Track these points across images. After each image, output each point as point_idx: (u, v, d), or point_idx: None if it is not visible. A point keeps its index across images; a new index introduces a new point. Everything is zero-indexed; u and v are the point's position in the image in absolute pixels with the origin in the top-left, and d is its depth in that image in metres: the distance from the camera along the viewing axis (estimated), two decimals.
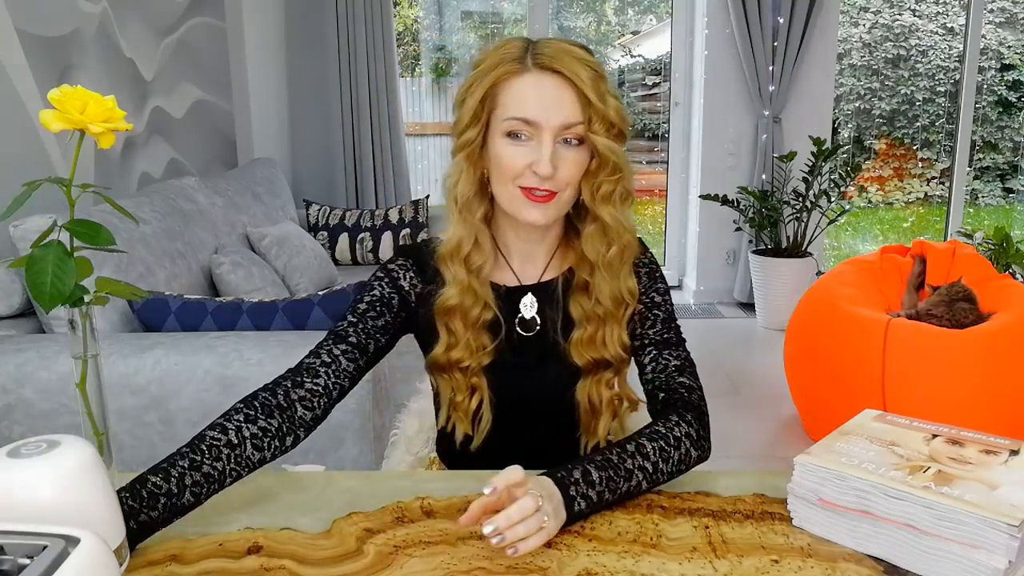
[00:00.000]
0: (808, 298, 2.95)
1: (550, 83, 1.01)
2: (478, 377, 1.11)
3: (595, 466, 0.93)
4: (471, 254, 1.08)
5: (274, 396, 1.00)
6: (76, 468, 0.68)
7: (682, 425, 1.02)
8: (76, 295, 0.90)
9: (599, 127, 1.01)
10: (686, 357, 1.14)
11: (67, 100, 0.87)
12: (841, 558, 0.84)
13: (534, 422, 1.16)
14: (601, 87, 1.01)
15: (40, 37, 2.25)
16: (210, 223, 2.75)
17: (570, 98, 1.00)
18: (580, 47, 1.04)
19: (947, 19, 7.04)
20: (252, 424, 0.96)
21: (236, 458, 0.93)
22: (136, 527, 0.83)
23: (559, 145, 1.02)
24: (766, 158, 4.36)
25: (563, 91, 1.00)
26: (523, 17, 5.00)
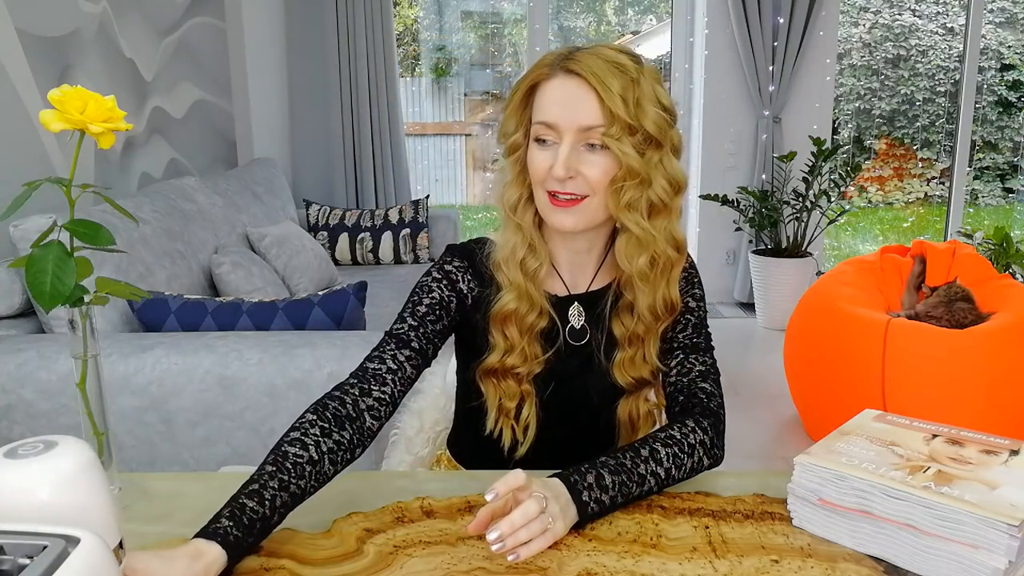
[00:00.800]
0: (808, 298, 2.95)
1: (572, 86, 1.00)
2: (528, 384, 1.11)
3: (608, 470, 0.93)
4: (526, 259, 1.07)
5: (343, 406, 0.98)
6: (74, 469, 0.68)
7: (697, 432, 1.02)
8: (76, 295, 0.90)
9: (618, 131, 0.99)
10: (712, 364, 1.15)
11: (67, 100, 0.87)
12: (841, 558, 0.84)
13: (575, 433, 1.17)
14: (633, 93, 0.99)
15: (40, 37, 2.25)
16: (210, 223, 2.75)
17: (590, 101, 0.99)
18: (625, 53, 1.03)
19: (947, 19, 7.04)
20: (328, 438, 0.94)
21: (316, 475, 0.92)
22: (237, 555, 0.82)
23: (583, 149, 1.01)
24: (766, 158, 4.37)
25: (583, 94, 0.99)
26: (523, 17, 5.00)
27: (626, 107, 0.98)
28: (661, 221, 1.04)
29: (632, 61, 1.02)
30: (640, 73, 1.01)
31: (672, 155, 1.04)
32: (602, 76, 0.98)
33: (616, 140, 0.99)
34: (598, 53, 1.01)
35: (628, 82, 0.99)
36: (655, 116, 1.00)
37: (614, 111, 0.98)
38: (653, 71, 1.03)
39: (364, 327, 2.04)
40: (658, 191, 1.02)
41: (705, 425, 1.04)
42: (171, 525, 0.92)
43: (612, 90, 0.98)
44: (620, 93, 0.98)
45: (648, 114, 1.00)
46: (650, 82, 1.01)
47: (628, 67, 1.00)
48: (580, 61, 1.00)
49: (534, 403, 1.11)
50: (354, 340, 1.82)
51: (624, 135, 0.99)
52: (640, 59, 1.03)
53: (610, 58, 1.00)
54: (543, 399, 1.12)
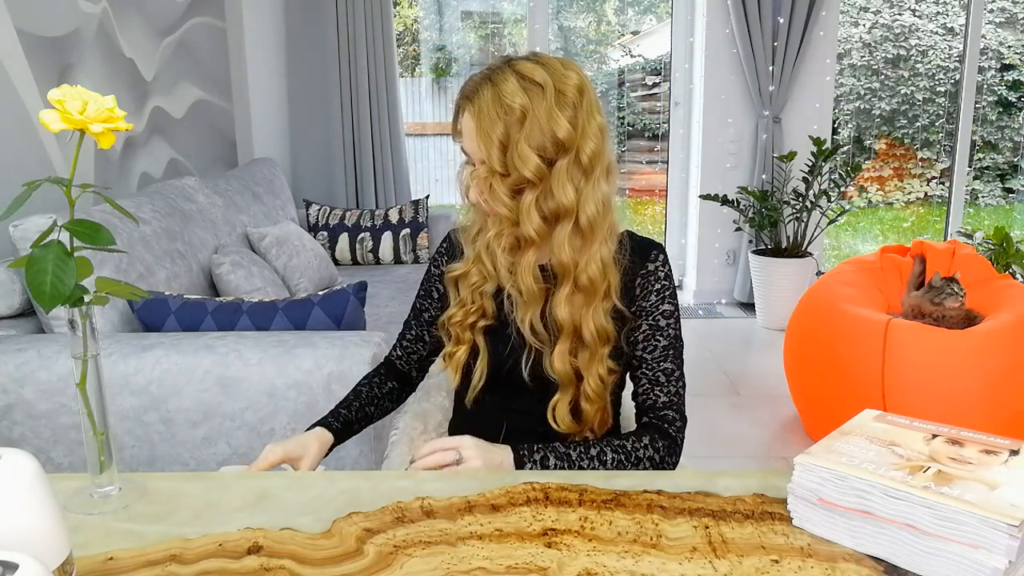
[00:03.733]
0: (808, 298, 2.95)
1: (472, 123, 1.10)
2: (470, 333, 1.23)
3: (555, 455, 1.09)
4: (479, 233, 1.20)
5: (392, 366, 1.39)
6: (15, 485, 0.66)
7: (649, 450, 1.13)
8: (76, 295, 0.90)
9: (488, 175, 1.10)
10: (678, 390, 1.19)
11: (67, 100, 0.87)
12: (841, 558, 0.84)
13: (522, 388, 1.22)
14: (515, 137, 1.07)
15: (40, 37, 2.25)
16: (210, 223, 2.75)
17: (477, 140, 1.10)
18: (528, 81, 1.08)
19: (947, 19, 7.04)
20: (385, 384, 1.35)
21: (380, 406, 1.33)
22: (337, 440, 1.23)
23: None
24: (766, 158, 4.37)
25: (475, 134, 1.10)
26: (523, 17, 5.00)
27: (502, 155, 1.08)
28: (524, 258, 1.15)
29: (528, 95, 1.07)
30: (532, 111, 1.07)
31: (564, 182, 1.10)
32: (486, 122, 1.08)
33: (485, 180, 1.09)
34: (499, 85, 1.08)
35: (512, 124, 1.07)
36: (534, 162, 1.08)
37: (488, 159, 1.08)
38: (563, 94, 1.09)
39: (364, 327, 2.04)
40: (528, 229, 1.11)
41: (659, 446, 1.13)
42: (171, 525, 0.92)
43: (492, 138, 1.07)
44: (499, 139, 1.07)
45: (526, 160, 1.07)
46: (547, 116, 1.07)
47: (515, 108, 1.07)
48: (478, 99, 1.09)
49: (483, 353, 1.22)
50: (354, 340, 1.82)
51: (496, 178, 1.09)
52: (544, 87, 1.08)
53: (506, 95, 1.07)
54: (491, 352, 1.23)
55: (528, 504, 0.96)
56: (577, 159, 1.11)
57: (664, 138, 5.05)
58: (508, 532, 0.90)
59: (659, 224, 5.42)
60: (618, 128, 5.92)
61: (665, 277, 1.20)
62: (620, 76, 5.85)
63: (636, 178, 6.12)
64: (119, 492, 0.99)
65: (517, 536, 0.89)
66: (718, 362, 3.71)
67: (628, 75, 5.85)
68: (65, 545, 0.69)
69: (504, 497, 0.98)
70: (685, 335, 1.21)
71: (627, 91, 5.88)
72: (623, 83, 5.87)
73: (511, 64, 1.11)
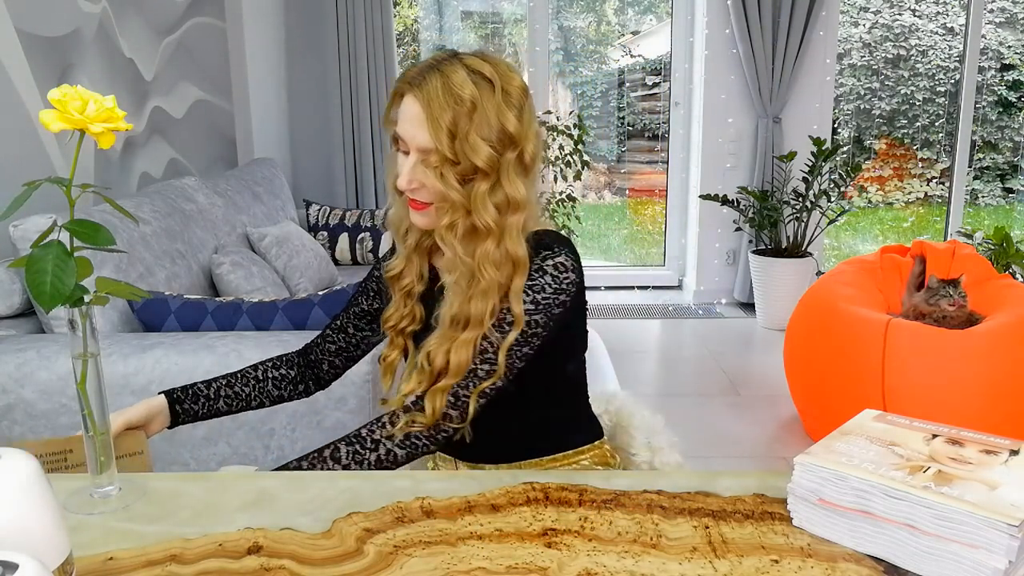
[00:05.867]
0: (808, 298, 2.95)
1: (416, 109, 1.08)
2: (402, 338, 1.23)
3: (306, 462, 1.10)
4: (409, 230, 1.21)
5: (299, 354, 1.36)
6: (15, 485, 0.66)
7: (386, 427, 1.12)
8: (76, 295, 0.90)
9: (439, 161, 1.08)
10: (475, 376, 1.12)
11: (67, 100, 0.87)
12: (841, 558, 0.84)
13: None
14: (465, 126, 1.06)
15: (40, 37, 2.25)
16: (210, 223, 2.75)
17: (425, 128, 1.07)
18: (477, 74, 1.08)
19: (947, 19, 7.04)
20: (276, 370, 1.33)
21: (259, 388, 1.30)
22: (180, 412, 1.24)
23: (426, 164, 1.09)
24: (766, 158, 4.37)
25: (422, 119, 1.07)
26: (523, 17, 5.00)
27: (451, 142, 1.06)
28: (486, 244, 1.10)
29: (477, 88, 1.07)
30: (482, 102, 1.07)
31: (513, 178, 1.10)
32: (435, 108, 1.06)
33: (437, 169, 1.07)
34: (448, 76, 1.07)
35: (462, 114, 1.06)
36: (485, 152, 1.07)
37: (438, 145, 1.06)
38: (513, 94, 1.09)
39: None
40: (483, 218, 1.09)
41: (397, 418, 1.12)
42: (171, 525, 0.92)
43: (441, 124, 1.05)
44: (449, 127, 1.05)
45: (477, 149, 1.06)
46: (496, 110, 1.08)
47: (465, 98, 1.06)
48: (426, 85, 1.07)
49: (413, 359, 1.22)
50: None
51: (447, 166, 1.07)
52: (493, 82, 1.08)
53: (455, 84, 1.06)
54: None
55: (528, 504, 0.96)
56: (520, 157, 1.12)
57: (664, 138, 5.05)
58: (508, 532, 0.90)
59: (659, 224, 5.42)
60: (618, 128, 5.91)
61: (538, 271, 1.12)
62: (620, 76, 5.84)
63: (636, 178, 6.12)
64: (119, 492, 0.99)
65: (517, 536, 0.89)
66: (718, 362, 3.71)
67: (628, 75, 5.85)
68: (65, 545, 0.69)
69: (504, 497, 0.98)
70: (685, 335, 1.21)
71: (627, 91, 5.88)
72: (623, 83, 5.87)
73: (458, 57, 1.11)
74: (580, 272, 1.16)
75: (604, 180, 6.34)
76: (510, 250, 1.10)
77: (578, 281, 1.15)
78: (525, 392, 1.20)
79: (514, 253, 1.10)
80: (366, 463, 1.10)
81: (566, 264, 1.13)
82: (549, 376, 1.22)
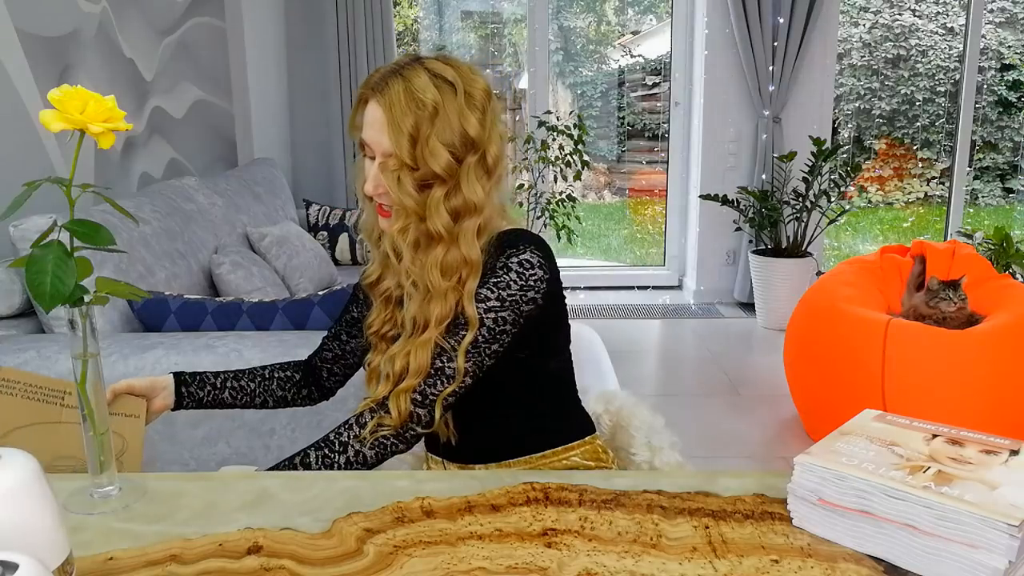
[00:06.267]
0: (808, 298, 2.95)
1: (379, 113, 1.09)
2: (384, 343, 1.23)
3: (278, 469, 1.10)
4: (381, 237, 1.22)
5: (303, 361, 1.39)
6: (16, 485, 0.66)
7: (354, 429, 1.11)
8: (76, 295, 0.90)
9: (397, 166, 1.08)
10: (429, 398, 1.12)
11: (67, 100, 0.87)
12: (841, 558, 0.84)
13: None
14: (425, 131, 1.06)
15: (40, 37, 2.25)
16: (210, 223, 2.75)
17: (386, 133, 1.08)
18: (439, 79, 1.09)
19: (947, 19, 7.04)
20: (282, 372, 1.35)
21: (264, 386, 1.32)
22: (185, 395, 1.26)
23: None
24: (766, 158, 4.36)
25: (383, 124, 1.08)
26: (523, 17, 5.00)
27: (411, 148, 1.06)
28: (438, 250, 1.11)
29: (439, 92, 1.07)
30: (443, 107, 1.07)
31: (472, 180, 1.10)
32: (397, 112, 1.06)
33: (394, 172, 1.07)
34: (410, 80, 1.07)
35: (424, 118, 1.06)
36: (444, 158, 1.07)
37: (398, 151, 1.06)
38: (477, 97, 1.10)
39: None
40: (436, 224, 1.10)
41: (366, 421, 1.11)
42: (171, 525, 0.92)
43: (403, 129, 1.06)
44: (410, 131, 1.06)
45: (437, 155, 1.07)
46: (458, 114, 1.08)
47: (427, 102, 1.06)
48: (388, 90, 1.07)
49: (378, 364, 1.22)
50: None
51: (405, 171, 1.07)
52: (456, 86, 1.08)
53: (416, 89, 1.07)
54: None
55: (528, 504, 0.96)
56: (483, 159, 1.12)
57: (664, 138, 5.05)
58: (508, 532, 0.90)
59: (659, 224, 5.42)
60: (618, 128, 5.91)
61: (503, 268, 1.12)
62: (620, 76, 5.84)
63: (636, 178, 6.12)
64: (119, 492, 0.99)
65: (517, 536, 0.89)
66: (718, 362, 3.71)
67: (628, 75, 5.85)
68: (65, 545, 0.69)
69: (504, 497, 0.98)
70: (685, 335, 1.21)
71: (627, 91, 5.88)
72: (623, 83, 5.87)
73: (421, 61, 1.11)
74: (550, 269, 1.14)
75: (604, 180, 6.34)
76: (463, 253, 1.11)
77: (547, 277, 1.14)
78: (509, 391, 1.20)
79: (467, 256, 1.11)
80: (336, 465, 1.11)
81: (531, 261, 1.12)
82: (532, 375, 1.22)
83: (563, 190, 4.54)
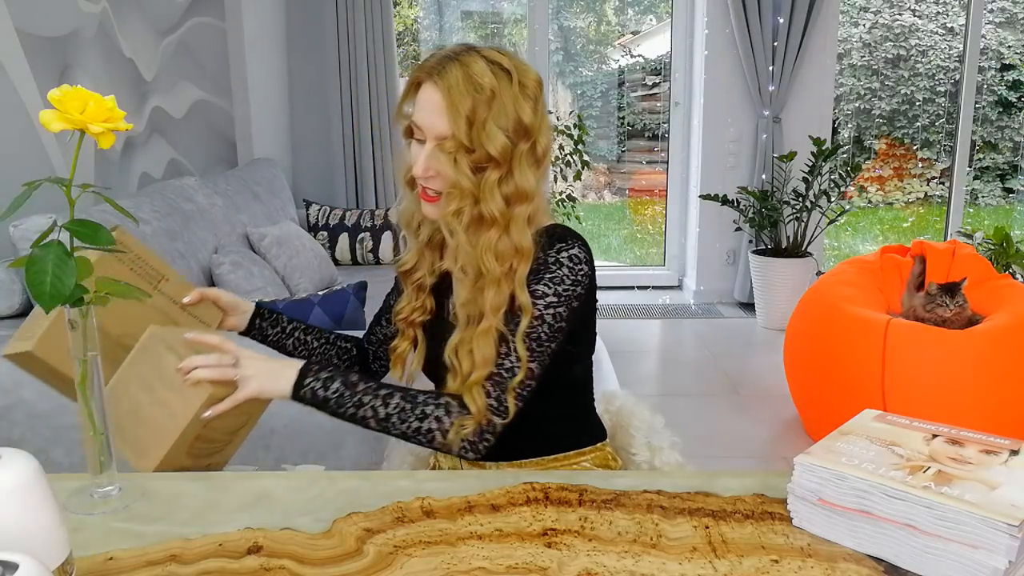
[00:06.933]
0: (808, 298, 2.95)
1: (436, 97, 1.09)
2: (412, 329, 1.25)
3: (341, 379, 1.11)
4: (422, 224, 1.23)
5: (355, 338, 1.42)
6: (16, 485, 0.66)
7: (440, 409, 1.10)
8: (76, 295, 0.90)
9: (454, 147, 1.09)
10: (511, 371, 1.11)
11: (67, 100, 0.87)
12: (841, 558, 0.84)
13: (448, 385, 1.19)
14: (482, 114, 1.08)
15: (40, 37, 2.25)
16: (210, 223, 2.75)
17: (444, 115, 1.09)
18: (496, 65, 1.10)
19: (947, 19, 7.04)
20: (341, 341, 1.40)
21: (324, 348, 1.37)
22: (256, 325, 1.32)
23: (442, 152, 1.10)
24: (766, 158, 4.36)
25: (441, 107, 1.09)
26: (523, 17, 5.00)
27: (469, 129, 1.08)
28: (491, 233, 1.12)
29: (496, 79, 1.09)
30: (500, 92, 1.09)
31: (525, 169, 1.12)
32: (455, 95, 1.08)
33: (450, 154, 1.09)
34: (468, 65, 1.09)
35: (481, 102, 1.08)
36: (500, 141, 1.09)
37: (456, 131, 1.08)
38: (529, 87, 1.12)
39: (364, 327, 2.03)
40: (490, 207, 1.10)
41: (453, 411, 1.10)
42: (171, 525, 0.92)
43: (460, 110, 1.07)
44: (467, 114, 1.07)
45: (492, 137, 1.08)
46: (513, 101, 1.10)
47: (484, 87, 1.08)
48: (447, 74, 1.09)
49: (421, 347, 1.26)
50: None
51: (461, 152, 1.09)
52: (511, 75, 1.10)
53: (475, 74, 1.08)
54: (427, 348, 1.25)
55: (528, 504, 0.96)
56: (533, 148, 1.13)
57: (664, 138, 5.05)
58: (508, 532, 0.90)
59: (659, 224, 5.42)
60: (618, 128, 5.91)
61: (555, 263, 1.13)
62: (620, 76, 5.84)
63: (636, 178, 6.12)
64: (119, 492, 0.99)
65: (517, 536, 0.89)
66: (718, 362, 3.71)
67: (628, 75, 5.85)
68: (65, 545, 0.69)
69: (504, 497, 0.98)
70: (685, 335, 1.21)
71: (627, 91, 5.88)
72: (623, 83, 5.87)
73: (476, 49, 1.13)
74: (592, 266, 1.17)
75: (604, 180, 6.34)
76: (515, 240, 1.12)
77: (590, 274, 1.16)
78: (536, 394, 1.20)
79: (519, 243, 1.12)
80: (405, 426, 1.10)
81: (580, 256, 1.14)
82: (553, 378, 1.21)
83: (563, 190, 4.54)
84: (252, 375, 1.10)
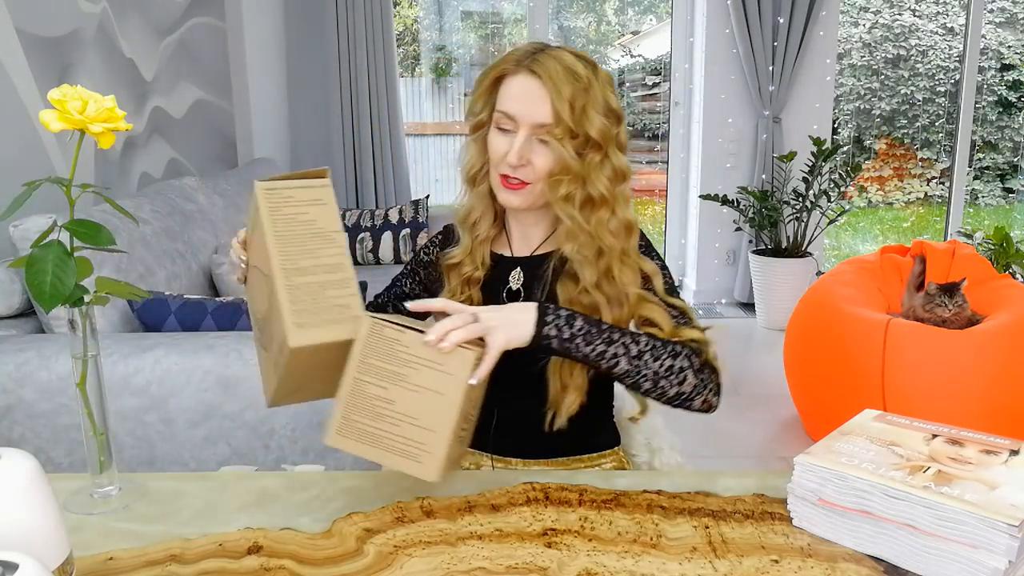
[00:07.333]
0: (808, 298, 2.95)
1: (532, 85, 1.13)
2: None
3: (583, 317, 1.05)
4: (478, 222, 1.24)
5: None
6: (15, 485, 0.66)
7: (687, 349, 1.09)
8: (76, 295, 0.90)
9: (561, 133, 1.12)
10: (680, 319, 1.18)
11: (67, 100, 0.87)
12: (841, 558, 0.84)
13: (505, 388, 1.16)
14: (581, 100, 1.12)
15: (40, 37, 2.25)
16: (210, 223, 2.75)
17: (544, 102, 1.12)
18: (582, 59, 1.16)
19: (947, 19, 7.04)
20: None
21: None
22: None
23: (535, 141, 1.14)
24: (766, 158, 4.36)
25: (540, 95, 1.12)
26: (523, 17, 5.00)
27: (572, 113, 1.12)
28: (602, 212, 1.16)
29: (586, 69, 1.15)
30: (592, 81, 1.14)
31: (617, 151, 1.17)
32: (557, 81, 1.11)
33: (558, 140, 1.12)
34: (559, 58, 1.14)
35: (579, 90, 1.13)
36: (599, 123, 1.14)
37: (561, 115, 1.11)
38: (607, 78, 1.18)
39: None
40: (598, 187, 1.14)
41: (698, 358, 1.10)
42: (171, 525, 0.92)
43: (563, 96, 1.11)
44: (569, 99, 1.12)
45: (592, 121, 1.13)
46: (601, 89, 1.16)
47: (581, 75, 1.13)
48: (542, 63, 1.13)
49: None
50: None
51: (566, 136, 1.13)
52: (596, 67, 1.17)
53: (568, 64, 1.13)
54: None
55: (528, 504, 0.96)
56: (619, 136, 1.18)
57: (664, 138, 5.05)
58: (508, 532, 0.90)
59: (659, 224, 5.41)
60: None
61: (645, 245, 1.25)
62: (620, 76, 5.84)
63: (636, 178, 6.11)
64: (119, 492, 0.99)
65: (517, 536, 0.89)
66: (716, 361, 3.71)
67: (628, 75, 5.85)
68: (65, 545, 0.69)
69: (504, 497, 0.98)
70: None
71: (627, 91, 5.88)
72: (623, 83, 5.87)
73: (554, 47, 1.18)
74: None
75: None
76: (623, 216, 1.17)
77: None
78: None
79: (626, 219, 1.17)
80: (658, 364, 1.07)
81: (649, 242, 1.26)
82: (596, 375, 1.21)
83: None
84: (496, 325, 0.99)
